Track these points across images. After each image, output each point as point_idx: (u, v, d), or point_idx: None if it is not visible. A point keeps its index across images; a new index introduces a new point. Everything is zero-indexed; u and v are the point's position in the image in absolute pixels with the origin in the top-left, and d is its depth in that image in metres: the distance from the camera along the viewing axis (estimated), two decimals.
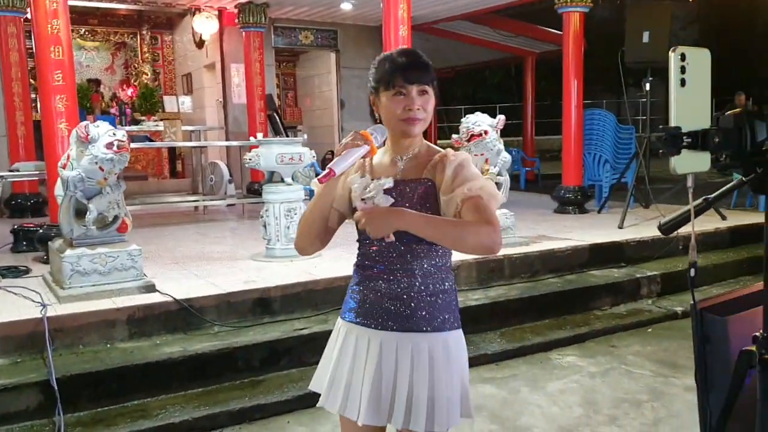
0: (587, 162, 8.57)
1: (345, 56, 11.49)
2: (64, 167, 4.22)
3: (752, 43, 24.12)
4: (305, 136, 11.68)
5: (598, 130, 8.54)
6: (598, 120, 8.60)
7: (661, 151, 1.10)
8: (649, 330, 5.11)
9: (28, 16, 7.92)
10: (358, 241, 1.91)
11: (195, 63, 11.90)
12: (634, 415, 3.64)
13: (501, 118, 5.83)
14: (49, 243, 4.78)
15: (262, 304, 4.45)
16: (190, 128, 9.82)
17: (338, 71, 11.64)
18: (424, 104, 1.79)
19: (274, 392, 3.80)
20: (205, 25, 10.41)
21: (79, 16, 10.61)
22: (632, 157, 7.88)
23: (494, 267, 5.42)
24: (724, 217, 7.20)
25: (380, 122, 1.85)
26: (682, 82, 1.11)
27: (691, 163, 1.14)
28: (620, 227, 6.76)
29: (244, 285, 4.59)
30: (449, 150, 1.85)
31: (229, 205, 8.96)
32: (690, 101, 1.11)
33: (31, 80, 8.76)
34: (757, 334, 1.22)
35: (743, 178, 1.20)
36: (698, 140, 1.11)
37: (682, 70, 1.12)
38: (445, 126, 21.62)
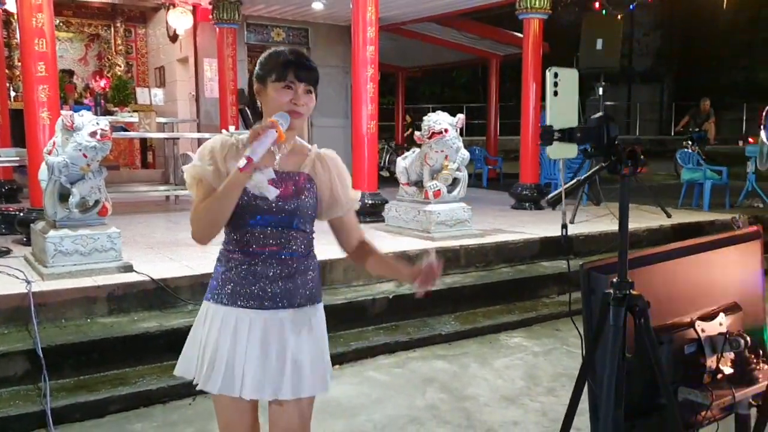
0: (544, 161, 9.03)
1: (315, 54, 11.76)
2: (49, 153, 4.49)
3: (714, 51, 25.04)
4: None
5: None
6: None
7: (540, 143, 1.48)
8: None
9: (6, 6, 8.14)
10: (230, 227, 1.96)
11: (168, 57, 12.09)
12: (570, 387, 4.04)
13: (460, 117, 6.22)
14: (32, 225, 5.03)
15: None
16: (163, 120, 10.05)
17: None
18: (308, 102, 1.91)
19: None
20: (180, 19, 10.62)
21: (54, 7, 10.72)
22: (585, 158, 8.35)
23: (451, 256, 5.81)
24: (669, 215, 7.70)
25: (251, 109, 2.03)
26: (555, 93, 1.50)
27: (561, 151, 1.54)
28: (571, 222, 7.21)
29: None
30: (321, 149, 2.04)
31: None
32: (561, 106, 1.50)
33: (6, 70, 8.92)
34: (614, 279, 1.63)
35: (603, 164, 1.59)
36: (566, 135, 1.50)
37: (555, 84, 1.51)
38: (414, 124, 22.03)
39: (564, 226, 1.75)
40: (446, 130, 6.05)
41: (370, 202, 7.04)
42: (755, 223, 7.55)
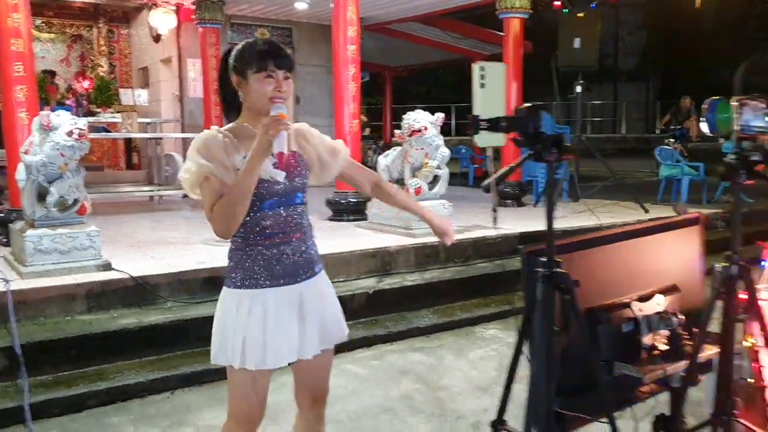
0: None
1: (300, 53, 11.83)
2: (27, 153, 4.54)
3: (700, 50, 25.24)
4: None
5: None
6: None
7: (468, 132, 1.56)
8: None
9: None
10: (245, 215, 2.02)
11: (151, 57, 12.11)
12: None
13: (439, 115, 6.27)
14: (10, 225, 5.08)
15: (211, 282, 4.81)
16: (146, 120, 10.06)
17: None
18: (288, 87, 2.03)
19: None
20: (163, 19, 10.64)
21: (35, 8, 10.69)
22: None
23: (430, 253, 5.89)
24: (646, 210, 7.82)
25: (232, 103, 2.13)
26: (482, 85, 1.58)
27: (489, 140, 1.64)
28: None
29: (196, 265, 4.96)
30: (294, 125, 2.14)
31: (183, 196, 9.25)
32: (487, 98, 1.58)
33: None
34: (544, 259, 1.72)
35: (530, 152, 1.67)
36: (492, 124, 1.58)
37: (482, 77, 1.60)
38: (400, 124, 22.08)
39: (494, 209, 1.84)
40: (426, 128, 6.12)
41: (353, 200, 7.12)
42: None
